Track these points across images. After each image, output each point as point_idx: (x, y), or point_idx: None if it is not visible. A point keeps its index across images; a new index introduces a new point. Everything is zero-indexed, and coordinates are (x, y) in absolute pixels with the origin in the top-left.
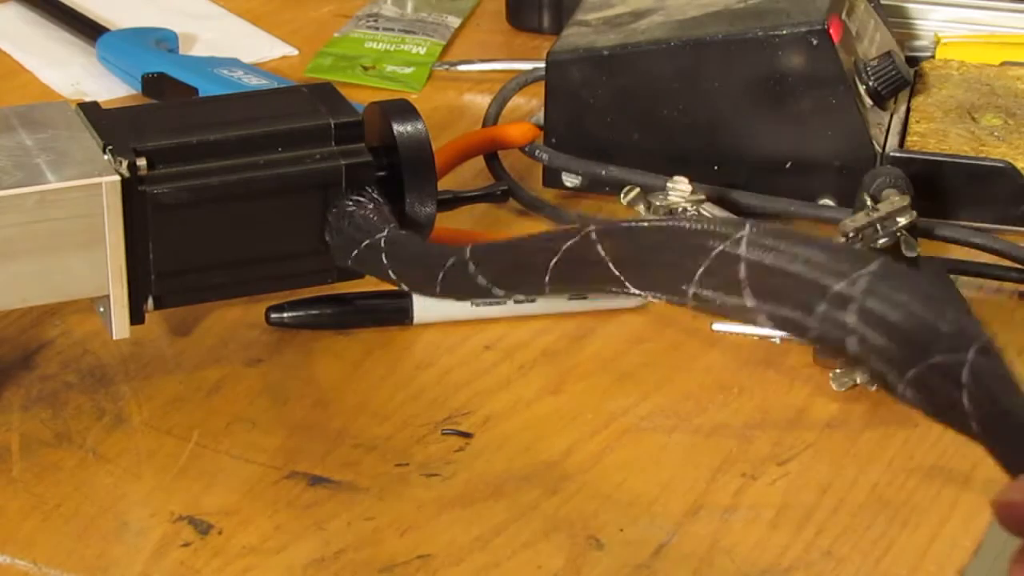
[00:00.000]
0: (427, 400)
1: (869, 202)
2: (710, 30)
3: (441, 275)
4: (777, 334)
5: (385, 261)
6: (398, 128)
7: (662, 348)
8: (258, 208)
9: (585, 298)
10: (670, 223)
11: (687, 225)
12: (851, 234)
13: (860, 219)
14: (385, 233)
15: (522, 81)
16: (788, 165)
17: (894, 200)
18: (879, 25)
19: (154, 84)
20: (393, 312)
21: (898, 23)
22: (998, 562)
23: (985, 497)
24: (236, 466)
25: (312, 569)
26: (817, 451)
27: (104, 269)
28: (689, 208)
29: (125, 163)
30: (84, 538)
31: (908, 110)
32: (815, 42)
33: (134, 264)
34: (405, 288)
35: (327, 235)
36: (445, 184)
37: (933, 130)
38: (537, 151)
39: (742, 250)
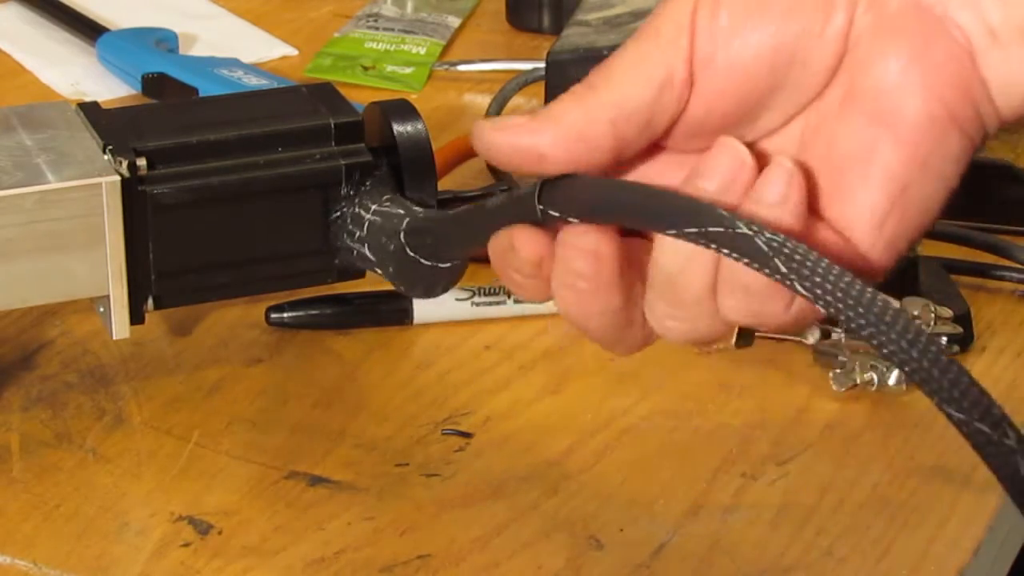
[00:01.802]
0: (427, 400)
1: None
2: None
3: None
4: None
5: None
6: (398, 128)
7: (662, 348)
8: (258, 208)
9: None
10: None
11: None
12: None
13: None
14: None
15: (522, 81)
16: None
17: None
18: None
19: (154, 84)
20: (393, 312)
21: None
22: (998, 562)
23: (985, 497)
24: (236, 466)
25: (312, 569)
26: (817, 451)
27: (104, 269)
28: None
29: (125, 163)
30: (84, 538)
31: None
32: None
33: (134, 264)
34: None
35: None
36: (445, 184)
37: None
38: None
39: None
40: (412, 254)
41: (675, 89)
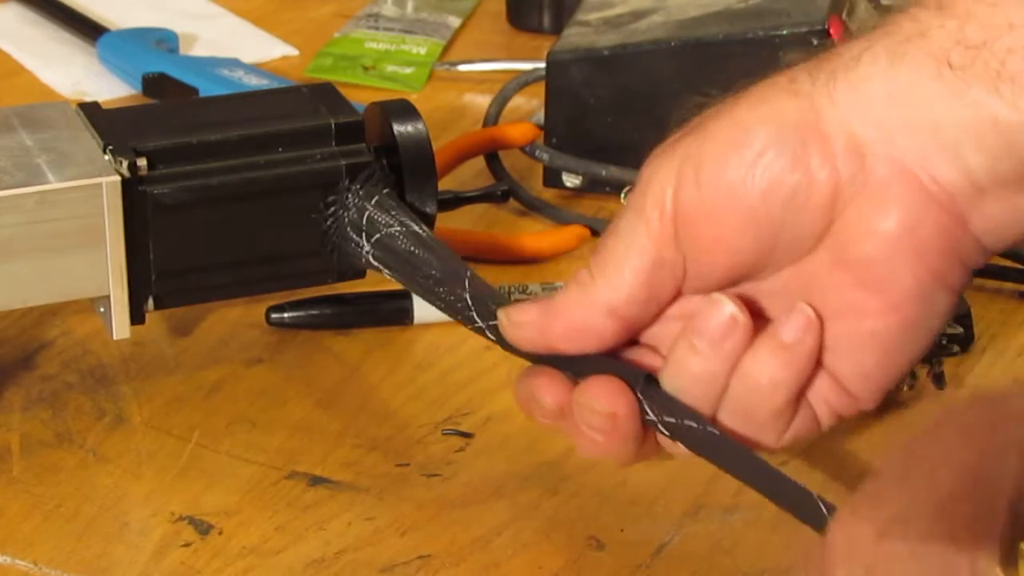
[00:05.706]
0: (427, 400)
1: None
2: (710, 30)
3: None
4: None
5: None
6: (398, 128)
7: None
8: (258, 208)
9: None
10: None
11: None
12: None
13: None
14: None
15: (522, 81)
16: None
17: None
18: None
19: (154, 84)
20: (393, 312)
21: None
22: None
23: None
24: (236, 466)
25: (312, 569)
26: (817, 451)
27: (104, 269)
28: None
29: (125, 163)
30: (84, 538)
31: None
32: (816, 42)
33: (134, 264)
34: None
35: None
36: (445, 184)
37: None
38: (537, 151)
39: None
40: None
41: (666, 269)
